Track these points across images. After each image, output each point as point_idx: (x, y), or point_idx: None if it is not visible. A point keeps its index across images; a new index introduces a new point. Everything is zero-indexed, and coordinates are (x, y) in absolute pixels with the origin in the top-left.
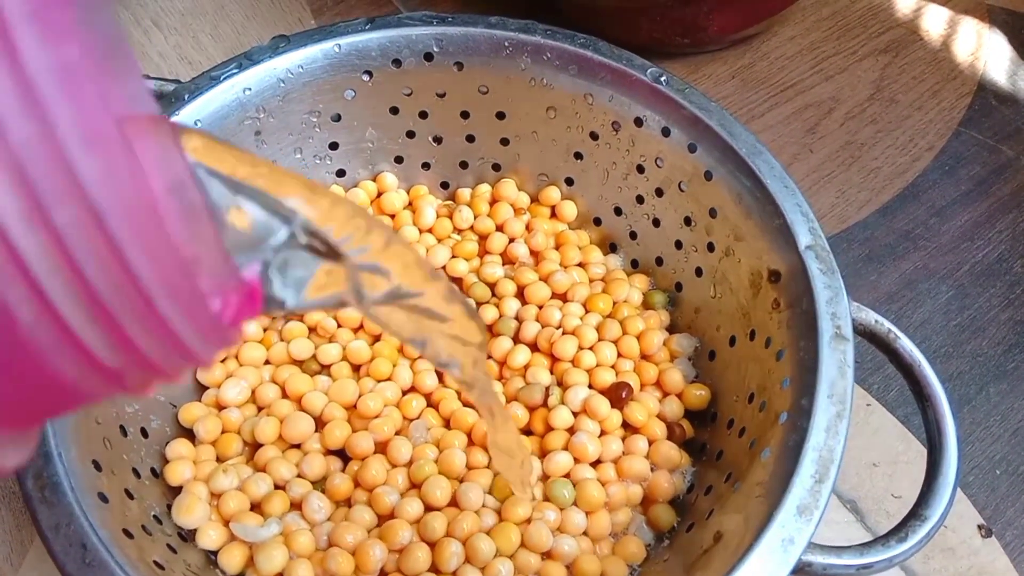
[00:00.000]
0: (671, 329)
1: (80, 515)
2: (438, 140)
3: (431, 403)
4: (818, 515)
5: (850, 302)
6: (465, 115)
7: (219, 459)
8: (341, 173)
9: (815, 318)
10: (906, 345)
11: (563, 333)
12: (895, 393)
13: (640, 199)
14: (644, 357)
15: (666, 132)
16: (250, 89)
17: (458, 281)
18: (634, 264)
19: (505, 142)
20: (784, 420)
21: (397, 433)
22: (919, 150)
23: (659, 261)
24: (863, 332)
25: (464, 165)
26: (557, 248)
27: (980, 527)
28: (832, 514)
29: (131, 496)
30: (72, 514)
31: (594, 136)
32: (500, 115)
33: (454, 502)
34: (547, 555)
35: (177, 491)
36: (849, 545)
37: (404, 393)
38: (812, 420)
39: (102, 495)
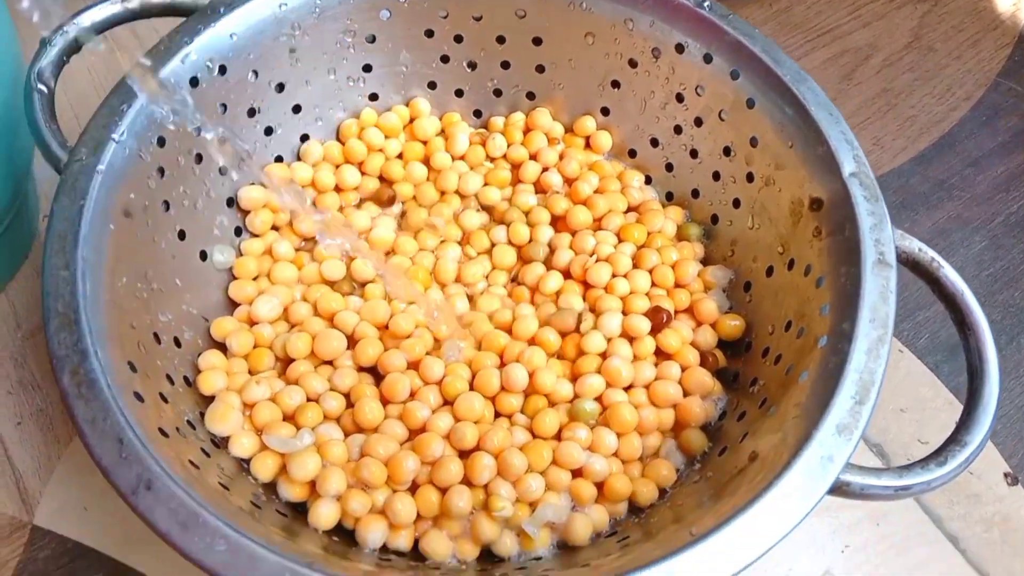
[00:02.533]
0: (705, 262)
1: (116, 411)
2: (472, 66)
3: (462, 325)
4: (858, 435)
5: (894, 230)
6: (501, 40)
7: (251, 373)
8: (374, 97)
9: (858, 244)
10: (949, 274)
11: (597, 260)
12: (925, 340)
13: (678, 129)
14: (678, 287)
15: (708, 59)
16: (286, 4)
17: (490, 209)
18: (669, 197)
19: (541, 69)
20: (824, 344)
21: (428, 354)
22: (956, 100)
23: (695, 193)
24: (906, 261)
25: (498, 93)
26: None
27: (1006, 475)
28: (858, 458)
29: (165, 400)
30: (108, 409)
31: (633, 64)
32: (537, 40)
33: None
34: (578, 473)
35: (209, 401)
36: (888, 468)
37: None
38: (853, 343)
39: (137, 394)
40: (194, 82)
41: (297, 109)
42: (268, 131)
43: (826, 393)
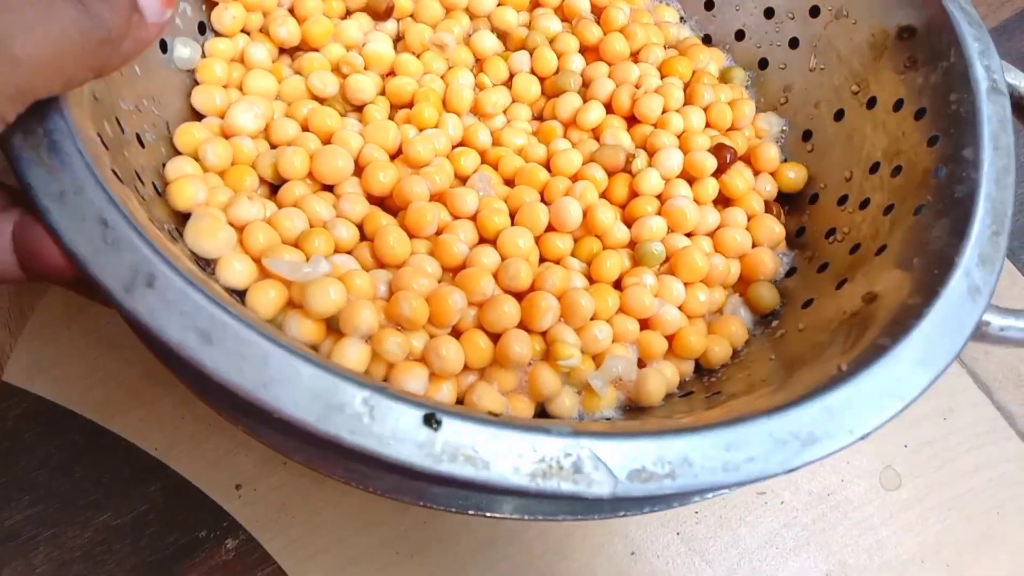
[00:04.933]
0: None
1: (95, 184)
2: None
3: (487, 161)
4: (999, 268)
5: (1002, 62)
6: None
7: None
8: None
9: (967, 69)
10: None
11: (645, 92)
12: None
13: None
14: (731, 130)
15: None
16: None
17: (504, 36)
18: (706, 40)
19: None
20: (943, 174)
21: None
22: None
23: (739, 35)
24: (1015, 102)
25: None
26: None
27: None
28: None
29: (142, 198)
30: (83, 180)
31: None
32: None
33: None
34: (644, 324)
35: (186, 218)
36: None
37: (453, 147)
38: (981, 170)
39: (116, 173)
40: None
41: None
42: None
43: (960, 223)
